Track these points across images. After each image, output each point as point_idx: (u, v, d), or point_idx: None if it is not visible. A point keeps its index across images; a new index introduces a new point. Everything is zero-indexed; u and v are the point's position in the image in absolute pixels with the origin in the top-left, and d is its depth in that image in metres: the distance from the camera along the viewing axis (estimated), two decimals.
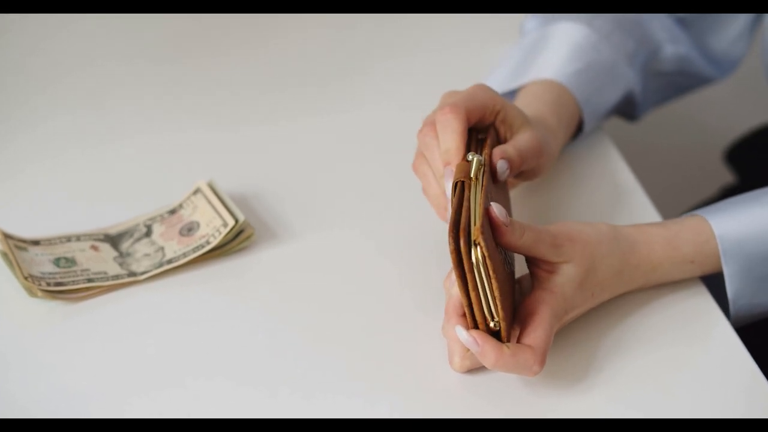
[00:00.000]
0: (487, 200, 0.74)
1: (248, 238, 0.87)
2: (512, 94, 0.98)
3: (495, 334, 0.73)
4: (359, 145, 1.00)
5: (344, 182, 0.96)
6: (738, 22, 1.06)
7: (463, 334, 0.73)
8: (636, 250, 0.80)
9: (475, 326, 0.73)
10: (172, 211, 0.90)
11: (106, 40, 1.16)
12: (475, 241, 0.71)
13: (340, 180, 0.96)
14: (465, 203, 0.73)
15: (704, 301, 0.82)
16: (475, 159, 0.76)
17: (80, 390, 0.76)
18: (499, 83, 0.98)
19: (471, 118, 0.79)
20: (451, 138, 0.77)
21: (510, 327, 0.73)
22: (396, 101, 1.06)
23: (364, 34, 1.16)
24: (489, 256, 0.70)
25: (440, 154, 0.78)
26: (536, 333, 0.74)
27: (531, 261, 0.77)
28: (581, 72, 0.96)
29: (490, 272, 0.70)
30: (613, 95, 0.99)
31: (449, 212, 0.73)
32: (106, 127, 1.03)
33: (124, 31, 1.16)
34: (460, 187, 0.74)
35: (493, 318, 0.72)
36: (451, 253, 0.71)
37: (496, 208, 0.73)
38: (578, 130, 0.97)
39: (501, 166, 0.79)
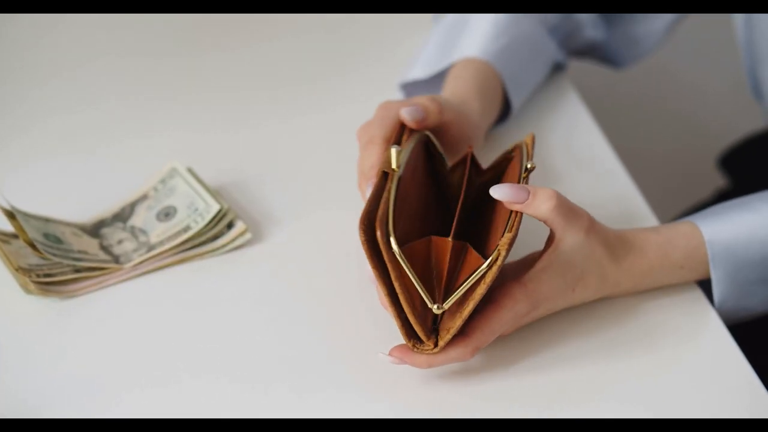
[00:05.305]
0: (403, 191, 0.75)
1: (242, 234, 0.87)
2: (441, 75, 0.99)
3: (435, 318, 0.72)
4: (339, 135, 0.98)
5: (325, 172, 0.95)
6: (663, 18, 1.06)
7: (387, 358, 0.73)
8: (630, 255, 0.80)
9: (406, 314, 0.71)
10: (147, 197, 0.90)
11: (88, 31, 1.15)
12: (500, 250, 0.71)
13: (321, 170, 0.96)
14: (385, 194, 0.73)
15: (698, 301, 0.82)
16: (393, 150, 0.76)
17: (75, 386, 0.76)
18: (426, 66, 0.99)
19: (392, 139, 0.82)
20: (372, 155, 0.81)
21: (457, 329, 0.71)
22: (378, 92, 1.04)
23: (342, 29, 1.16)
24: (500, 266, 0.70)
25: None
26: (483, 327, 0.73)
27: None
28: (504, 49, 0.97)
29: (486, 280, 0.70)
30: (539, 70, 1.01)
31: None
32: (81, 123, 1.03)
33: (105, 21, 1.16)
34: (381, 177, 0.75)
35: (440, 302, 0.71)
36: (363, 243, 0.70)
37: (503, 189, 0.74)
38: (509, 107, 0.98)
39: (406, 111, 0.81)
